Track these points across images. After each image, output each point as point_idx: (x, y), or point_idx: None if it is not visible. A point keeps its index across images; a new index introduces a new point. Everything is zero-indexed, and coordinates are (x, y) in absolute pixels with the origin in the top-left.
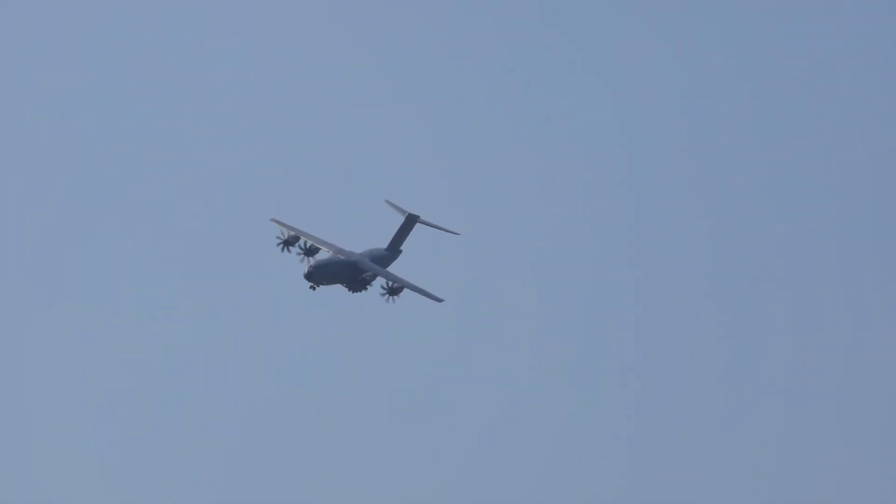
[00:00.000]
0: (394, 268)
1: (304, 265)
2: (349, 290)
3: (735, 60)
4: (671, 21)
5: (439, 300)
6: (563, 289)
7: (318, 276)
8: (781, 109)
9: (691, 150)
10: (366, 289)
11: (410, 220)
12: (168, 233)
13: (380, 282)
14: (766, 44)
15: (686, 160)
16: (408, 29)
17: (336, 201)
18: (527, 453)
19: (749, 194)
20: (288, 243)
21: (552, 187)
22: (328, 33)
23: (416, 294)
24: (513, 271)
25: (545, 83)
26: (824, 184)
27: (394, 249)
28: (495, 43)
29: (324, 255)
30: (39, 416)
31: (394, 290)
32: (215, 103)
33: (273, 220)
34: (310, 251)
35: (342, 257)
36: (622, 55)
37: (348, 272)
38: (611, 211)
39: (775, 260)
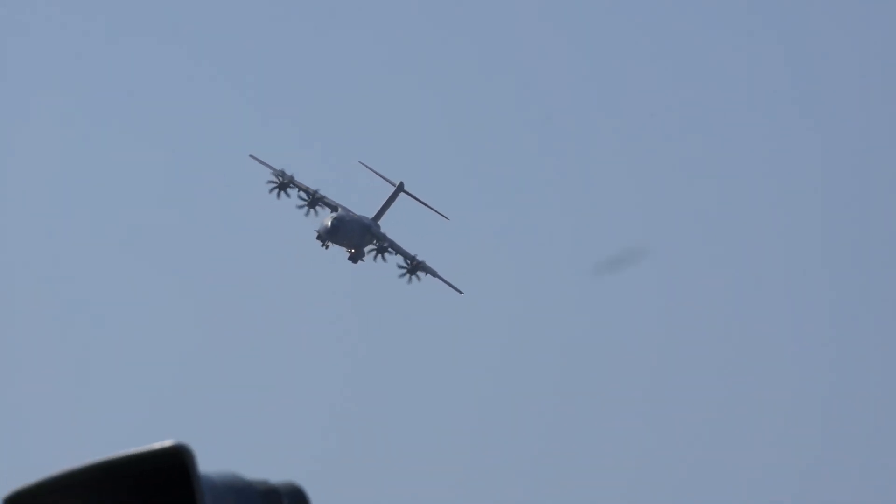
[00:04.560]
0: None
1: (325, 218)
2: (349, 258)
3: (737, 58)
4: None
5: (459, 291)
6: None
7: (342, 232)
8: (788, 108)
9: (697, 148)
10: (363, 259)
11: (398, 190)
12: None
13: (388, 255)
14: (771, 42)
15: (692, 158)
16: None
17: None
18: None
19: (754, 194)
20: (284, 187)
21: (549, 186)
22: (333, 30)
23: (433, 279)
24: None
25: (545, 83)
26: (826, 185)
27: (376, 221)
28: (496, 41)
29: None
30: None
31: (416, 267)
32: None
33: (252, 156)
34: (314, 201)
35: (356, 215)
36: (623, 54)
37: (361, 236)
38: (609, 211)
39: (780, 259)
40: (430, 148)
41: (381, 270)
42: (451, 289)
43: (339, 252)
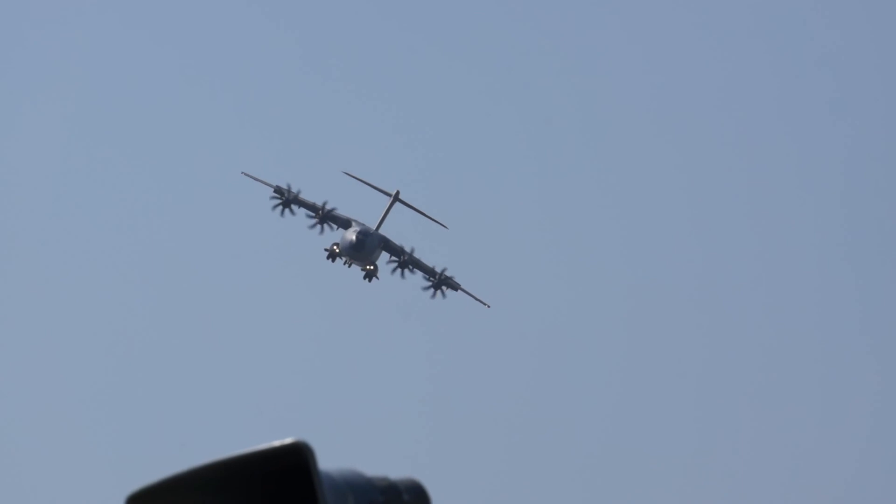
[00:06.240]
0: None
1: (347, 232)
2: (364, 276)
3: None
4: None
5: (486, 305)
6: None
7: (367, 247)
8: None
9: (697, 150)
10: (378, 277)
11: (394, 199)
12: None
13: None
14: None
15: (689, 158)
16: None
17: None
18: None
19: (757, 196)
20: (289, 204)
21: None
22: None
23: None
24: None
25: (545, 82)
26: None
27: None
28: (495, 42)
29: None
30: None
31: (444, 282)
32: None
33: (245, 173)
34: (326, 217)
35: (372, 229)
36: (617, 56)
37: (380, 249)
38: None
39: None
40: (418, 157)
41: (402, 286)
42: (477, 302)
43: (343, 269)
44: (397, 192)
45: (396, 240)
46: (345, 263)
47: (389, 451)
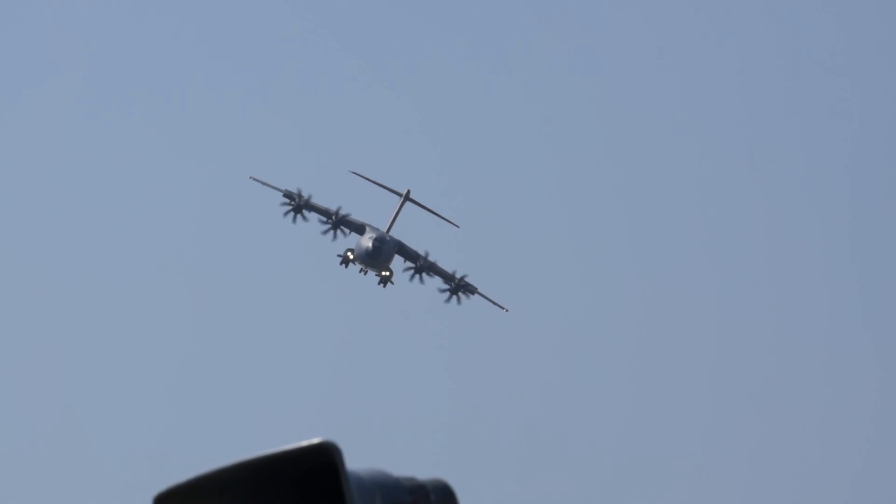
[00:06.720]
0: None
1: (362, 239)
2: (379, 281)
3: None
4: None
5: (504, 309)
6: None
7: (385, 254)
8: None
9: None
10: (393, 282)
11: (404, 199)
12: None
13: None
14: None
15: (700, 157)
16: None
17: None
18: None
19: (749, 197)
20: (300, 209)
21: (550, 188)
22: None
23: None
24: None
25: (545, 82)
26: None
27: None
28: (494, 42)
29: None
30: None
31: (461, 287)
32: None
33: (253, 178)
34: (338, 223)
35: (387, 235)
36: (621, 55)
37: (394, 254)
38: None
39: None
40: (426, 156)
41: (419, 292)
42: (494, 306)
43: (357, 275)
44: (408, 192)
45: (407, 240)
46: (360, 271)
47: (409, 454)
